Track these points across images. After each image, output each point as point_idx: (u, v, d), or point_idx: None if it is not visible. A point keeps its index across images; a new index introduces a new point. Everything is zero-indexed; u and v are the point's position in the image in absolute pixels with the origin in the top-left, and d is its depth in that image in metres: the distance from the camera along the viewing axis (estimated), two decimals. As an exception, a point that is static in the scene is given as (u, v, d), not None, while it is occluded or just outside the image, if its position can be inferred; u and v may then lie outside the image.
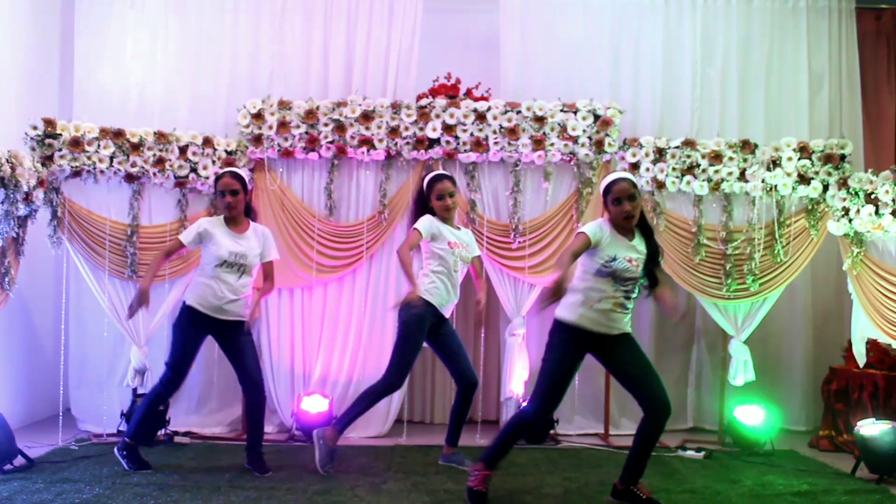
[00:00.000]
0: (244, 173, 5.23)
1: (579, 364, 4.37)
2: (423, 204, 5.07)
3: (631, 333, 4.34)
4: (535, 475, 5.04)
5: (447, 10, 6.67)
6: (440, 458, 5.25)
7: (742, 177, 6.00)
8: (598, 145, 5.99)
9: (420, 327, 4.93)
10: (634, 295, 4.27)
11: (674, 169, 6.01)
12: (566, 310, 4.27)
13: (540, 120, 5.97)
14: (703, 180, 6.01)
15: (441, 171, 5.35)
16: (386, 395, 5.04)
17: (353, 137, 6.00)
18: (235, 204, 4.95)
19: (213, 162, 5.92)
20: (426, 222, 4.95)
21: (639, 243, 4.26)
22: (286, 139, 6.01)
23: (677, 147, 6.02)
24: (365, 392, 5.05)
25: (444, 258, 4.96)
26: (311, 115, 6.00)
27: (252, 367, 5.00)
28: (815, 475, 5.19)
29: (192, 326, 4.94)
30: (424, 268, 5.02)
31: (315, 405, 5.87)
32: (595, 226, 4.23)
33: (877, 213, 5.69)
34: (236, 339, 4.98)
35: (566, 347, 4.28)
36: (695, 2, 6.65)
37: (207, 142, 5.94)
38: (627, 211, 4.16)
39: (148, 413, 5.10)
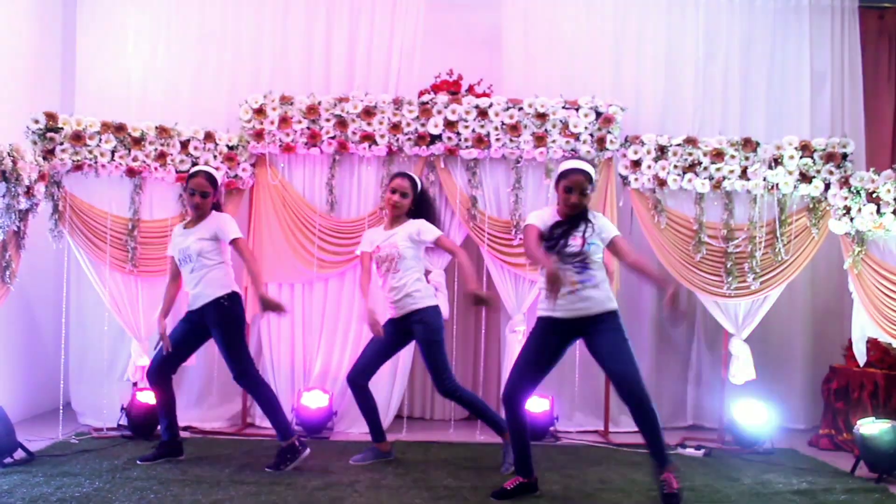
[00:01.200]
0: (217, 174, 5.20)
1: (551, 352, 4.39)
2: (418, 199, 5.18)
3: (613, 313, 4.32)
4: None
5: (450, 6, 6.67)
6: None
7: (743, 175, 6.00)
8: (600, 142, 5.99)
9: (376, 339, 5.08)
10: (590, 268, 4.28)
11: (675, 166, 6.00)
12: (539, 307, 4.45)
13: (542, 117, 5.97)
14: (705, 178, 6.00)
15: (405, 172, 5.33)
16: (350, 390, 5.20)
17: (354, 133, 6.00)
18: (203, 206, 5.01)
19: (215, 157, 5.92)
20: (362, 239, 5.25)
21: (589, 230, 4.33)
22: (287, 134, 6.01)
23: (679, 145, 6.01)
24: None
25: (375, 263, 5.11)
26: (312, 111, 6.00)
27: (224, 355, 5.01)
28: (815, 474, 5.19)
29: (180, 322, 5.15)
30: None
31: (315, 400, 5.88)
32: (535, 215, 4.44)
33: (878, 212, 5.70)
34: (211, 329, 5.00)
35: (533, 334, 4.45)
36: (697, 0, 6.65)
37: (209, 136, 5.94)
38: (573, 203, 4.32)
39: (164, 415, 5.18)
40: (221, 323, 4.95)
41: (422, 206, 5.14)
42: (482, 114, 5.97)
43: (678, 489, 4.21)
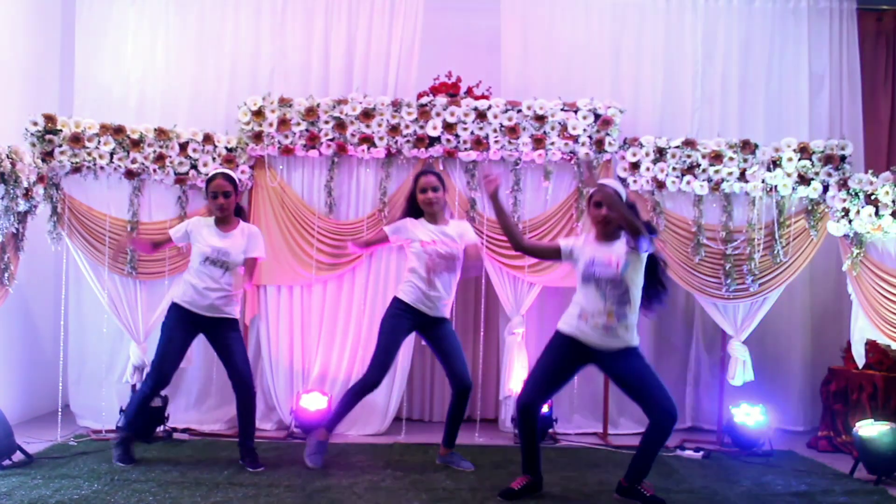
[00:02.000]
0: (235, 174, 5.24)
1: (570, 370, 4.47)
2: (413, 199, 5.11)
3: (634, 348, 4.36)
4: (533, 474, 5.04)
5: (448, 8, 6.67)
6: (437, 459, 5.26)
7: (742, 177, 6.00)
8: (599, 144, 5.99)
9: (392, 326, 5.01)
10: (629, 302, 4.30)
11: (674, 169, 6.01)
12: (565, 321, 4.43)
13: (540, 119, 5.97)
14: (704, 180, 6.01)
15: (429, 167, 5.37)
16: (365, 392, 5.04)
17: (353, 135, 6.00)
18: (227, 206, 5.00)
19: (214, 159, 5.92)
20: (398, 224, 5.11)
21: (623, 246, 4.32)
22: (286, 136, 6.01)
23: (677, 147, 6.01)
24: (347, 390, 5.15)
25: (418, 258, 4.98)
26: (311, 113, 6.00)
27: (241, 365, 5.02)
28: (814, 476, 5.19)
29: (177, 324, 4.99)
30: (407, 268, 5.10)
31: (314, 402, 5.88)
32: (569, 240, 4.59)
33: (877, 214, 5.70)
34: (225, 337, 5.00)
35: (556, 349, 4.44)
36: (696, 2, 6.65)
37: (208, 138, 5.94)
38: (603, 216, 4.33)
39: (138, 411, 5.13)
40: (237, 331, 5.08)
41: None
42: (481, 116, 5.98)
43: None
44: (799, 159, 5.96)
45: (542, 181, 6.05)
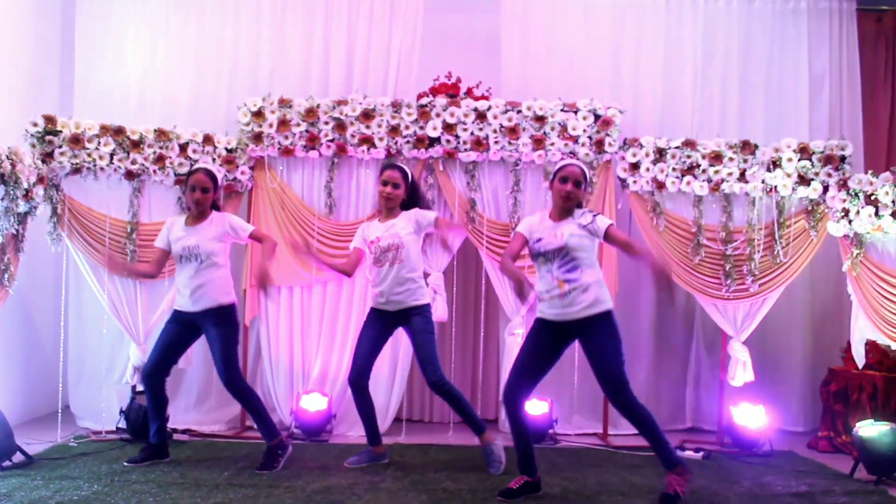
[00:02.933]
0: (217, 171, 5.26)
1: (549, 352, 4.47)
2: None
3: (604, 315, 4.35)
4: (533, 474, 5.04)
5: (448, 9, 6.67)
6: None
7: (742, 177, 6.00)
8: (599, 145, 5.99)
9: (362, 332, 5.15)
10: (579, 267, 4.34)
11: (674, 169, 6.01)
12: (537, 312, 4.53)
13: (540, 119, 5.97)
14: (703, 181, 6.01)
15: (396, 163, 5.36)
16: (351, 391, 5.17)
17: (353, 136, 6.00)
18: (203, 201, 5.01)
19: (214, 160, 5.92)
20: (357, 235, 5.21)
21: (573, 221, 4.42)
22: (286, 137, 6.01)
23: (677, 147, 6.01)
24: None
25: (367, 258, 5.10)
26: (311, 114, 6.00)
27: (219, 365, 5.00)
28: (814, 476, 5.19)
29: (169, 322, 5.11)
30: None
31: (314, 403, 5.88)
32: (525, 221, 4.62)
33: (877, 214, 5.70)
34: (207, 331, 5.02)
35: (531, 334, 4.53)
36: (696, 2, 6.66)
37: (208, 139, 5.94)
38: (567, 191, 4.41)
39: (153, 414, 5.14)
40: (223, 327, 4.98)
41: (414, 197, 5.16)
42: (481, 116, 5.98)
43: (674, 493, 4.31)
44: (799, 160, 5.96)
45: (542, 181, 6.05)
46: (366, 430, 5.22)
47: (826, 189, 5.95)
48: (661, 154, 6.02)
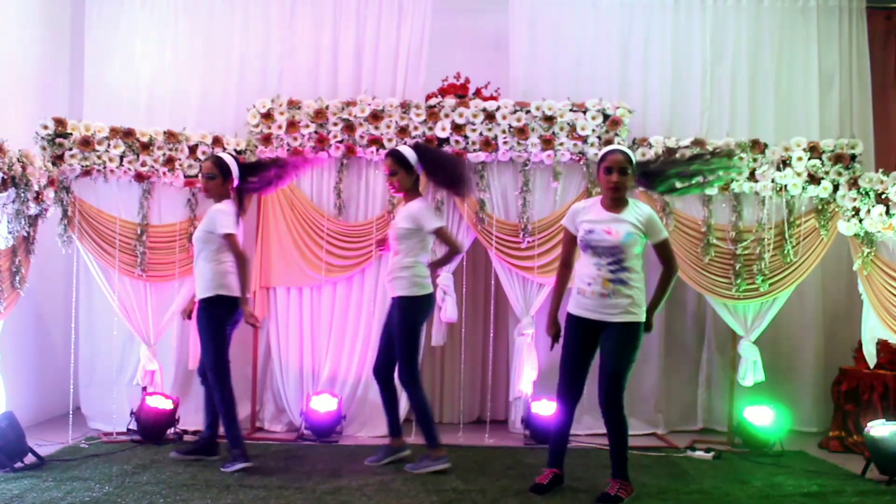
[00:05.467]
0: (229, 159, 5.12)
1: (587, 350, 4.49)
2: None
3: (634, 325, 4.37)
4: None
5: (456, 9, 6.67)
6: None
7: (752, 177, 5.99)
8: (607, 145, 5.98)
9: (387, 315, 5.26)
10: (626, 272, 4.32)
11: (683, 169, 5.99)
12: (570, 301, 4.51)
13: (549, 119, 5.97)
14: (713, 180, 5.99)
15: (389, 150, 5.34)
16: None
17: (362, 137, 6.01)
18: (209, 189, 5.08)
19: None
20: None
21: (629, 217, 4.37)
22: (295, 139, 6.02)
23: (687, 146, 6.00)
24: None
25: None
26: (320, 115, 6.01)
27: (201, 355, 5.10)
28: (825, 476, 5.17)
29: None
30: None
31: (324, 404, 5.88)
32: (573, 209, 4.57)
33: (887, 213, 5.68)
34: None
35: (567, 333, 4.53)
36: (704, 1, 6.65)
37: (217, 141, 5.96)
38: (614, 181, 4.35)
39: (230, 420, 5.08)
40: (200, 318, 5.02)
41: (430, 169, 5.10)
42: (489, 117, 5.97)
43: (615, 495, 4.40)
44: (809, 158, 5.94)
45: (552, 182, 6.04)
46: (388, 420, 5.28)
47: (836, 188, 5.93)
48: (670, 153, 6.00)
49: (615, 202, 4.42)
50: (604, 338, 4.41)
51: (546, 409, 5.89)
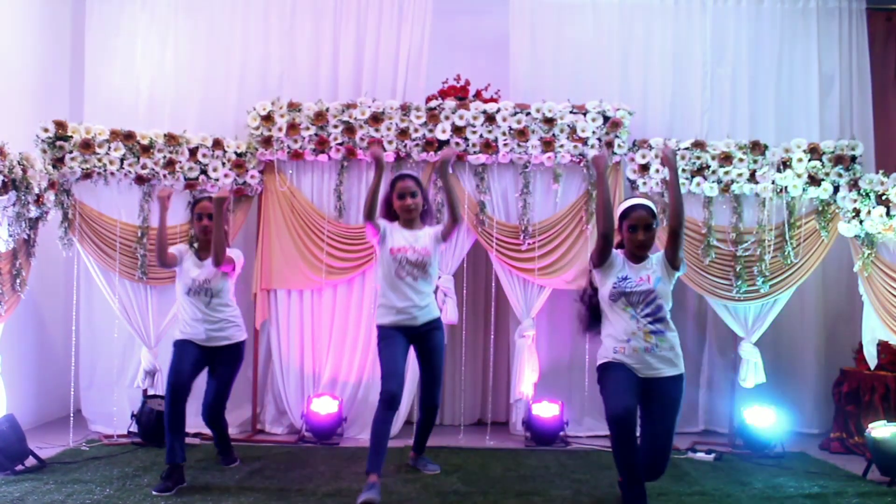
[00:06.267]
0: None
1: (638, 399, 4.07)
2: (390, 204, 4.86)
3: (679, 377, 4.11)
4: (544, 477, 5.03)
5: (457, 11, 6.68)
6: (409, 461, 5.25)
7: (752, 178, 5.99)
8: (608, 147, 5.98)
9: (386, 345, 4.70)
10: (663, 321, 4.10)
11: (683, 170, 5.99)
12: (603, 357, 4.19)
13: (549, 121, 5.97)
14: (713, 182, 5.99)
15: (406, 172, 5.21)
16: (386, 410, 4.60)
17: (362, 139, 6.01)
18: (211, 229, 4.84)
19: (223, 164, 5.94)
20: (385, 223, 4.80)
21: (652, 265, 4.17)
22: (296, 141, 6.02)
23: (687, 148, 6.00)
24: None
25: (385, 264, 4.73)
26: (320, 117, 6.01)
27: (213, 394, 5.04)
28: (826, 477, 5.16)
29: (181, 343, 4.88)
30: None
31: (325, 407, 5.88)
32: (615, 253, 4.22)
33: (888, 214, 5.68)
34: (223, 365, 5.00)
35: (612, 372, 4.10)
36: (704, 3, 6.66)
37: (217, 144, 5.96)
38: (641, 241, 4.13)
39: (170, 431, 4.77)
40: (235, 364, 5.03)
41: (426, 203, 4.93)
42: (490, 119, 5.98)
43: None
44: (809, 160, 5.94)
45: (552, 184, 6.05)
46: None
47: (837, 189, 5.93)
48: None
49: (641, 259, 4.19)
50: (650, 399, 4.08)
51: (547, 410, 5.90)
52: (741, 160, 5.97)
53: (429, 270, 4.74)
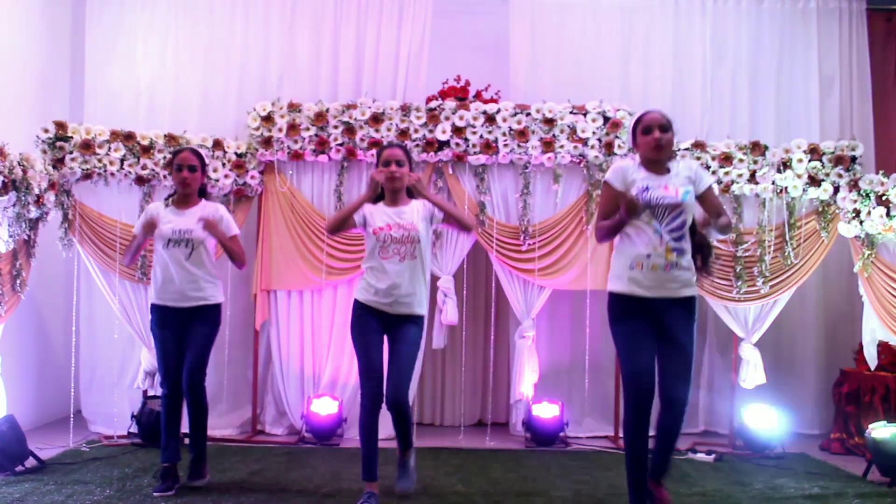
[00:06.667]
0: (205, 153, 5.11)
1: (649, 332, 3.80)
2: (375, 185, 4.36)
3: (694, 299, 3.85)
4: (545, 478, 5.03)
5: (457, 12, 6.67)
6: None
7: (752, 179, 5.99)
8: (608, 147, 5.98)
9: (358, 329, 4.29)
10: (685, 238, 3.80)
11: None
12: (615, 279, 3.87)
13: (549, 122, 5.97)
14: (713, 182, 5.98)
15: (395, 141, 5.07)
16: (370, 408, 4.27)
17: (362, 140, 6.01)
18: (191, 181, 4.56)
19: (224, 164, 5.94)
20: (362, 210, 4.36)
21: (678, 177, 3.84)
22: (296, 141, 6.02)
23: (687, 149, 6.00)
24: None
25: (370, 245, 4.34)
26: (320, 118, 6.01)
27: (190, 358, 4.54)
28: (827, 478, 5.16)
29: (157, 326, 4.60)
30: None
31: (325, 407, 5.88)
32: (616, 166, 3.91)
33: (888, 214, 5.68)
34: (198, 325, 4.57)
35: (625, 320, 3.84)
36: (705, 3, 6.66)
37: (217, 144, 5.96)
38: (657, 138, 3.79)
39: (166, 430, 4.65)
40: (213, 326, 4.64)
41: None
42: (490, 119, 5.98)
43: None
44: (809, 160, 5.94)
45: (552, 184, 6.04)
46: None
47: (837, 190, 5.93)
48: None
49: (660, 165, 3.85)
50: (664, 320, 3.79)
51: (547, 411, 5.90)
52: (741, 161, 5.97)
53: (418, 249, 4.25)
